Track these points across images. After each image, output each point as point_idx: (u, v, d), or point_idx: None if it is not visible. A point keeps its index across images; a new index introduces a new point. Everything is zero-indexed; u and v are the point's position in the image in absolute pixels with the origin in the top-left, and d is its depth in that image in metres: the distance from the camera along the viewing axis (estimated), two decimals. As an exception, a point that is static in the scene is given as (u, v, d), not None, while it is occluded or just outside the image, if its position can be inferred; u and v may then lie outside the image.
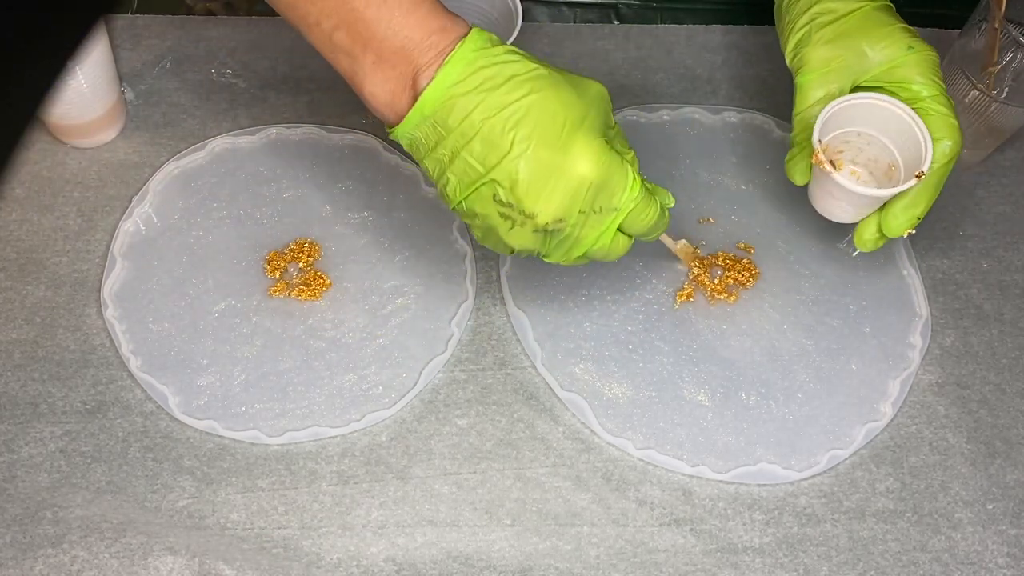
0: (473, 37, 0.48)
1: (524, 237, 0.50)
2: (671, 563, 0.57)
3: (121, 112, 0.69)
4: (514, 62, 0.48)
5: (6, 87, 0.23)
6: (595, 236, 0.51)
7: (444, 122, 0.48)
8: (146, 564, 0.55)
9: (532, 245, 0.51)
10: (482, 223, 0.51)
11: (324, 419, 0.60)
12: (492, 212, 0.50)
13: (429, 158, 0.50)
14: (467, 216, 0.52)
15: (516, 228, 0.50)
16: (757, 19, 0.78)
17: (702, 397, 0.62)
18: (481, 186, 0.49)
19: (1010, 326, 0.67)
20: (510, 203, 0.49)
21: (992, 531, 0.60)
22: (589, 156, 0.48)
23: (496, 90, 0.48)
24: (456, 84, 0.47)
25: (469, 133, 0.48)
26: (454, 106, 0.48)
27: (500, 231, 0.50)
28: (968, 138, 0.69)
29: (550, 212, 0.49)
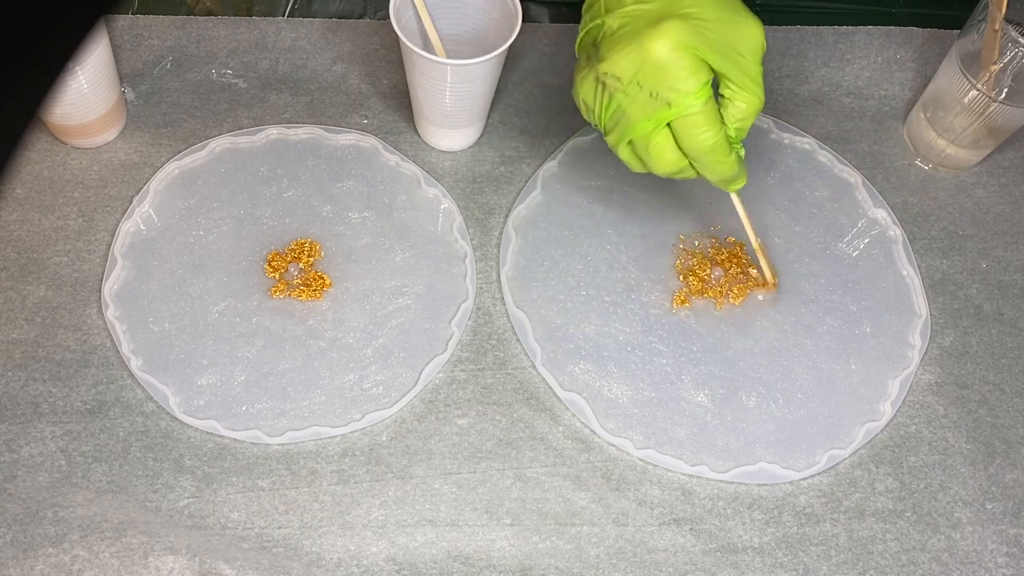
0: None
1: (588, 83, 0.54)
2: (671, 563, 0.57)
3: (122, 112, 0.69)
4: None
5: (6, 87, 0.23)
6: (643, 121, 0.52)
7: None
8: (146, 564, 0.55)
9: (591, 94, 0.54)
10: (577, 63, 0.55)
11: (324, 419, 0.60)
12: (585, 52, 0.55)
13: (590, 2, 0.55)
14: (578, 52, 0.56)
15: (586, 71, 0.54)
16: (757, 19, 0.78)
17: (702, 397, 0.62)
18: (594, 26, 0.54)
19: (1009, 326, 0.67)
20: (598, 45, 0.53)
21: (991, 531, 0.60)
22: (665, 38, 0.50)
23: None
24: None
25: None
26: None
27: (579, 70, 0.55)
28: (968, 138, 0.69)
29: (611, 63, 0.51)
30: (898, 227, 0.70)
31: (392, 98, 0.72)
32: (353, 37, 0.75)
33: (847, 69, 0.77)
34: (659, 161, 0.54)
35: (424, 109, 0.66)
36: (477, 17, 0.65)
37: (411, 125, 0.71)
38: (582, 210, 0.68)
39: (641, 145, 0.54)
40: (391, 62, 0.74)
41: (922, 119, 0.72)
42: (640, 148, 0.54)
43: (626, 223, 0.68)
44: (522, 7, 0.61)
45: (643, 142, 0.54)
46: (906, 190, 0.72)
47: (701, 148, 0.53)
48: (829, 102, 0.76)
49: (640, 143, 0.54)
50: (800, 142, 0.73)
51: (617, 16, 0.52)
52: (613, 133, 0.55)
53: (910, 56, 0.78)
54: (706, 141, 0.52)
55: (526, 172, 0.70)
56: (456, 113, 0.66)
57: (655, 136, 0.53)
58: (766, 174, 0.71)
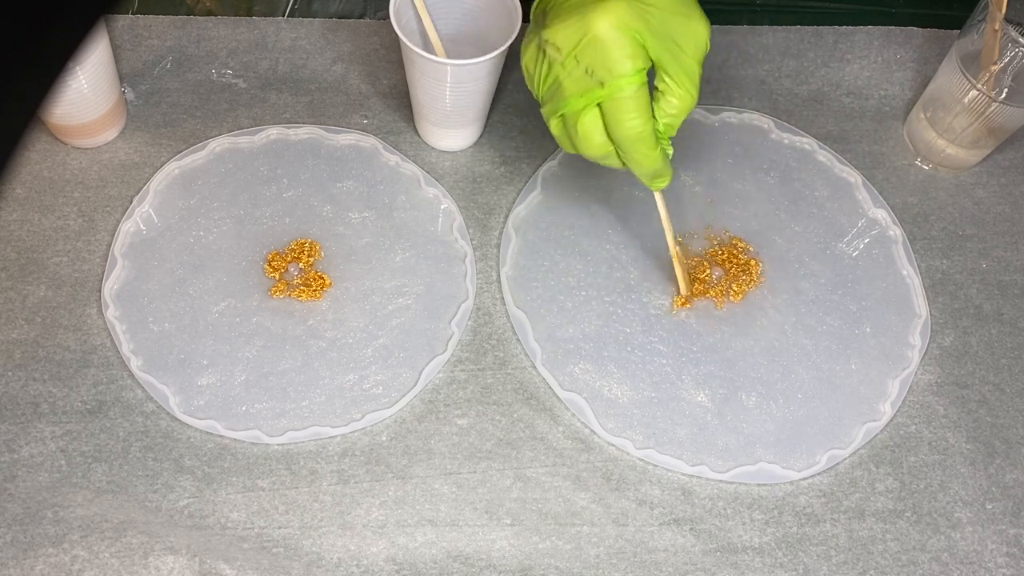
0: None
1: (531, 48, 0.54)
2: (671, 563, 0.57)
3: (122, 112, 0.69)
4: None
5: (6, 87, 0.23)
6: (575, 97, 0.52)
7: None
8: (146, 564, 0.55)
9: (532, 60, 0.54)
10: (528, 29, 0.56)
11: (324, 419, 0.60)
12: (535, 18, 0.55)
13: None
14: (531, 19, 0.56)
15: (531, 36, 0.54)
16: (756, 19, 0.79)
17: (702, 397, 0.62)
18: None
19: (1009, 326, 0.67)
20: (546, 12, 0.53)
21: (991, 531, 0.60)
22: (608, 16, 0.49)
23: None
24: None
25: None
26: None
27: (526, 36, 0.55)
28: (968, 138, 0.70)
29: (553, 31, 0.51)
30: (898, 227, 0.70)
31: (392, 98, 0.72)
32: (353, 37, 0.75)
33: (847, 69, 0.77)
34: (586, 142, 0.54)
35: (424, 109, 0.66)
36: (477, 17, 0.65)
37: (411, 125, 0.71)
38: (582, 210, 0.68)
39: (571, 122, 0.53)
40: (391, 62, 0.74)
41: (922, 119, 0.72)
42: (570, 125, 0.54)
43: (626, 223, 0.68)
44: (522, 7, 0.61)
45: (573, 119, 0.53)
46: (906, 190, 0.72)
47: (627, 135, 0.52)
48: (829, 102, 0.76)
49: (570, 120, 0.53)
50: (800, 142, 0.73)
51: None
52: (548, 104, 0.54)
53: (910, 56, 0.78)
54: (633, 129, 0.52)
55: (526, 172, 0.70)
56: (456, 113, 0.66)
57: (584, 115, 0.52)
58: (766, 174, 0.71)
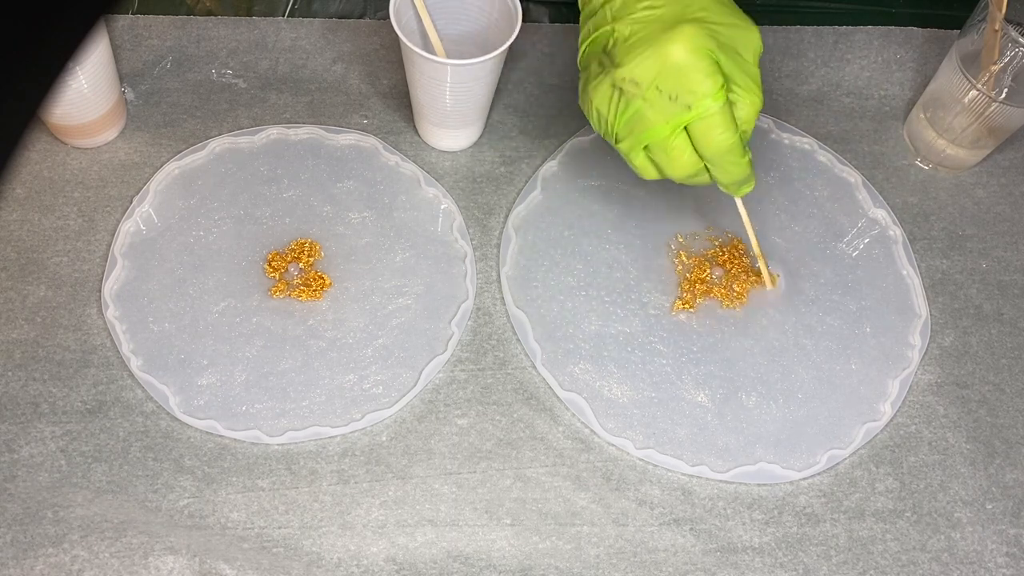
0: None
1: (603, 89, 0.54)
2: (671, 563, 0.57)
3: (122, 112, 0.69)
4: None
5: (6, 87, 0.23)
6: (662, 125, 0.53)
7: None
8: (146, 564, 0.55)
9: (605, 101, 0.54)
10: (585, 70, 0.56)
11: (324, 419, 0.60)
12: (595, 59, 0.55)
13: (587, 7, 0.56)
14: (582, 65, 0.57)
15: (601, 77, 0.54)
16: (756, 19, 0.78)
17: (702, 397, 0.62)
18: (601, 34, 0.54)
19: (1009, 326, 0.67)
20: (611, 53, 0.53)
21: (991, 531, 0.60)
22: (684, 42, 0.51)
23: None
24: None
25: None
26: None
27: (591, 78, 0.55)
28: (968, 138, 0.69)
29: (629, 69, 0.52)
30: (898, 227, 0.70)
31: (392, 98, 0.72)
32: (353, 37, 0.75)
33: (847, 69, 0.77)
34: (677, 164, 0.54)
35: (424, 109, 0.66)
36: (477, 17, 0.65)
37: (411, 125, 0.71)
38: (582, 210, 0.68)
39: (658, 149, 0.54)
40: (391, 62, 0.74)
41: (922, 119, 0.72)
42: (657, 152, 0.54)
43: (626, 223, 0.68)
44: (522, 7, 0.61)
45: (661, 146, 0.54)
46: (906, 190, 0.72)
47: (719, 149, 0.53)
48: (829, 102, 0.76)
49: (657, 147, 0.54)
50: (800, 142, 0.73)
51: (627, 22, 0.53)
52: (627, 140, 0.55)
53: (910, 56, 0.78)
54: (725, 142, 0.53)
55: (526, 172, 0.70)
56: (456, 113, 0.66)
57: (674, 139, 0.53)
58: (766, 174, 0.71)
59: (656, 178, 0.57)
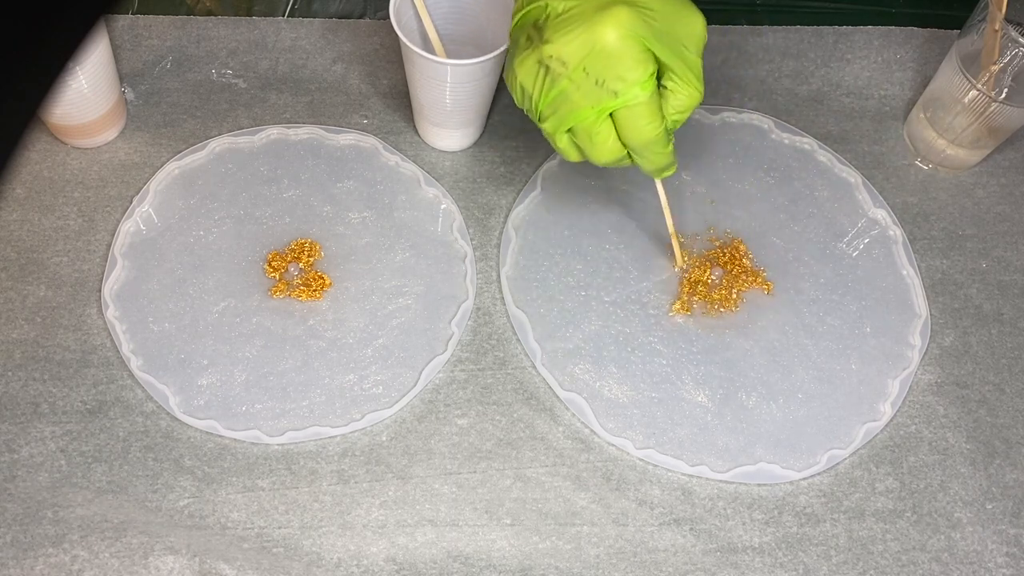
0: None
1: (528, 64, 0.51)
2: (671, 563, 0.57)
3: (122, 112, 0.69)
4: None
5: (6, 87, 0.23)
6: (587, 109, 0.51)
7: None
8: (146, 564, 0.55)
9: (531, 77, 0.52)
10: (514, 45, 0.53)
11: (324, 419, 0.60)
12: (525, 32, 0.52)
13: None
14: (512, 40, 0.54)
15: (528, 52, 0.51)
16: (756, 19, 0.79)
17: (702, 397, 0.62)
18: (534, 8, 0.52)
19: (1009, 326, 0.67)
20: (540, 27, 0.51)
21: (991, 530, 0.60)
22: (615, 26, 0.49)
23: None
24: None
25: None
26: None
27: (518, 51, 0.52)
28: (968, 138, 0.70)
29: (558, 47, 0.50)
30: (898, 227, 0.70)
31: (392, 98, 0.72)
32: (353, 37, 0.75)
33: (847, 69, 0.77)
34: (600, 150, 0.53)
35: (424, 109, 0.66)
36: (477, 17, 0.65)
37: (411, 125, 0.71)
38: (582, 210, 0.68)
39: (582, 133, 0.53)
40: (391, 62, 0.74)
41: (922, 119, 0.72)
42: (580, 136, 0.53)
43: (626, 223, 0.68)
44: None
45: (585, 131, 0.52)
46: (906, 190, 0.72)
47: (643, 139, 0.52)
48: (829, 102, 0.76)
49: (581, 131, 0.52)
50: (800, 142, 0.73)
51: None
52: (551, 120, 0.53)
53: (910, 56, 0.78)
54: (649, 133, 0.52)
55: (526, 172, 0.70)
56: (456, 113, 0.66)
57: (598, 125, 0.52)
58: (766, 174, 0.71)
59: (579, 160, 0.55)
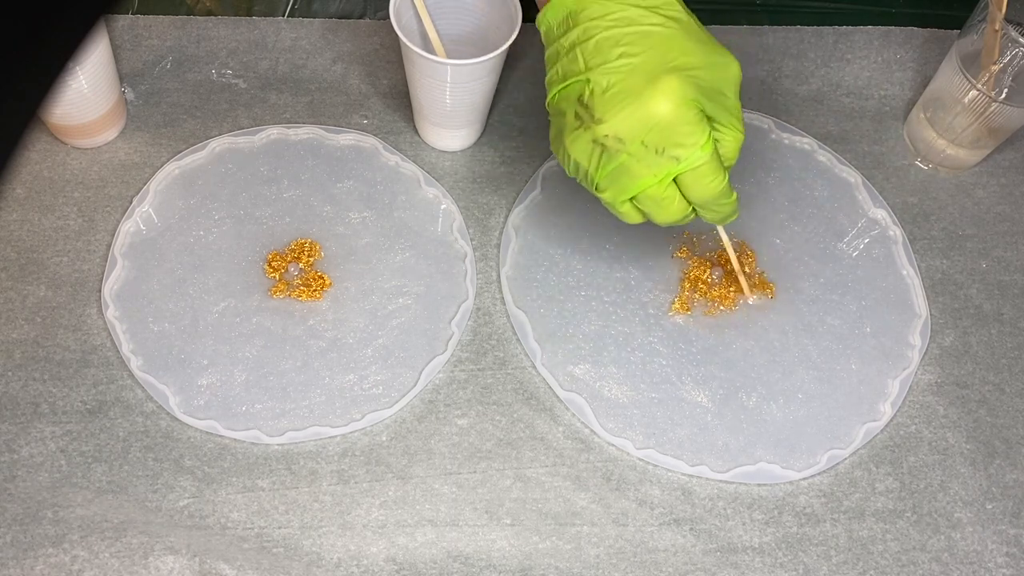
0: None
1: (582, 144, 0.52)
2: (671, 563, 0.57)
3: (121, 112, 0.69)
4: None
5: (6, 87, 0.23)
6: (650, 178, 0.51)
7: (576, 16, 0.51)
8: (146, 564, 0.55)
9: (585, 156, 0.52)
10: (558, 120, 0.53)
11: (324, 419, 0.60)
12: (571, 110, 0.52)
13: (552, 46, 0.53)
14: (553, 110, 0.54)
15: (580, 131, 0.51)
16: (756, 19, 0.79)
17: (702, 397, 0.62)
18: (575, 82, 0.52)
19: (1009, 326, 0.67)
20: (588, 105, 0.51)
21: (991, 531, 0.60)
22: (668, 96, 0.49)
23: (634, 7, 0.50)
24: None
25: (591, 32, 0.51)
26: (591, 4, 0.51)
27: (567, 131, 0.52)
28: (968, 138, 0.70)
29: (614, 126, 0.50)
30: (898, 227, 0.70)
31: (392, 98, 0.72)
32: (353, 37, 0.75)
33: (847, 69, 0.77)
34: (667, 212, 0.53)
35: (424, 109, 0.66)
36: (477, 17, 0.65)
37: (411, 125, 0.71)
38: (582, 210, 0.68)
39: (647, 200, 0.53)
40: (391, 62, 0.74)
41: (922, 119, 0.72)
42: (645, 202, 0.53)
43: (626, 223, 0.68)
44: (522, 7, 0.61)
45: (650, 197, 0.52)
46: (906, 190, 0.72)
47: (710, 195, 0.52)
48: (829, 102, 0.76)
49: (646, 199, 0.53)
50: (800, 142, 0.73)
51: (604, 72, 0.50)
52: (610, 190, 0.53)
53: (910, 56, 0.78)
54: (715, 188, 0.52)
55: (526, 172, 0.70)
56: (456, 113, 0.66)
57: (664, 191, 0.52)
58: (766, 174, 0.71)
59: (641, 222, 0.55)
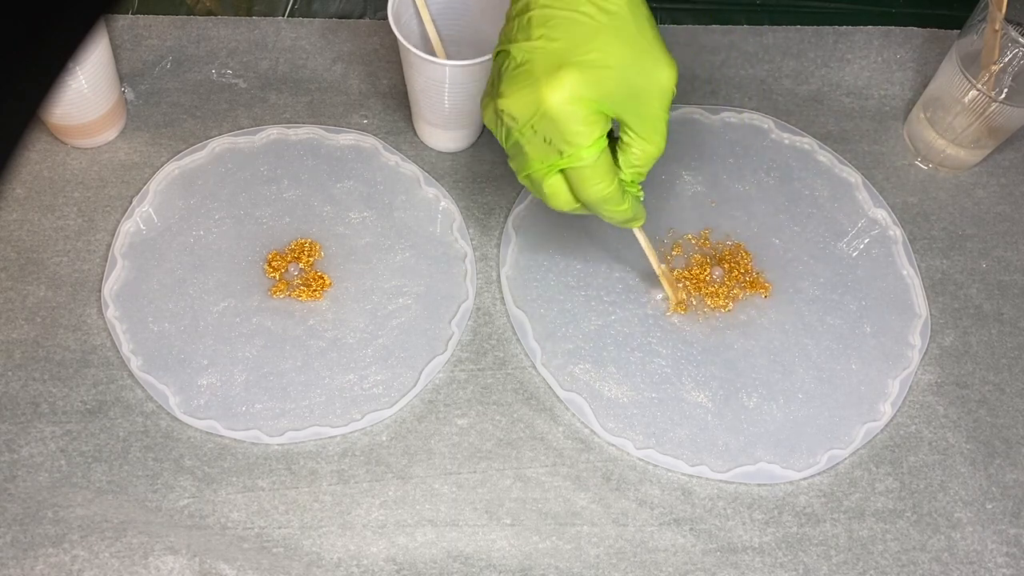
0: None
1: (489, 112, 0.52)
2: (671, 563, 0.57)
3: (121, 112, 0.69)
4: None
5: (6, 87, 0.23)
6: (538, 163, 0.51)
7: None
8: (147, 564, 0.55)
9: (492, 123, 0.52)
10: (487, 83, 0.53)
11: (324, 419, 0.60)
12: (493, 76, 0.52)
13: (510, 18, 0.52)
14: (491, 73, 0.54)
15: (488, 99, 0.52)
16: (756, 19, 0.79)
17: (702, 397, 0.62)
18: (502, 50, 0.51)
19: (1009, 326, 0.67)
20: (500, 76, 0.51)
21: (991, 530, 0.60)
22: (560, 90, 0.48)
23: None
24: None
25: (531, 6, 0.49)
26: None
27: (484, 93, 0.53)
28: (968, 138, 0.70)
29: (509, 104, 0.50)
30: (898, 227, 0.70)
31: (392, 98, 0.72)
32: (353, 37, 0.75)
33: (847, 69, 0.77)
34: (553, 201, 0.53)
35: (422, 110, 0.66)
36: (477, 17, 0.65)
37: (411, 125, 0.71)
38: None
39: (535, 185, 0.53)
40: (391, 62, 0.74)
41: (922, 119, 0.72)
42: (535, 184, 0.53)
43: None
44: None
45: (538, 180, 0.52)
46: (906, 190, 0.72)
47: (592, 199, 0.52)
48: (829, 102, 0.76)
49: (535, 182, 0.53)
50: (800, 142, 0.73)
51: (522, 48, 0.49)
52: (512, 161, 0.53)
53: (910, 56, 0.78)
54: (597, 193, 0.51)
55: (526, 172, 0.70)
56: (455, 114, 0.66)
57: (548, 178, 0.52)
58: (766, 174, 0.71)
59: (564, 209, 0.55)
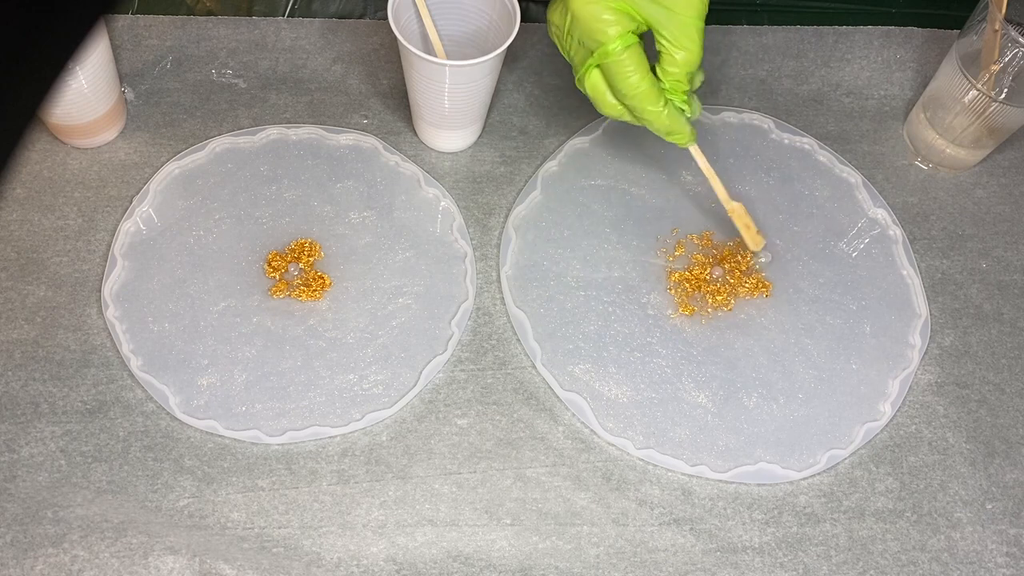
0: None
1: (550, 30, 0.59)
2: (671, 563, 0.57)
3: (122, 112, 0.69)
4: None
5: (7, 87, 0.23)
6: (580, 61, 0.58)
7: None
8: (146, 564, 0.55)
9: (553, 36, 0.59)
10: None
11: (324, 419, 0.60)
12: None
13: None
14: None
15: (549, 13, 0.59)
16: (756, 19, 0.79)
17: (702, 397, 0.62)
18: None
19: (1009, 326, 0.67)
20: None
21: (991, 530, 0.60)
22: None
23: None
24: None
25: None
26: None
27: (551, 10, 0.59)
28: (968, 138, 0.70)
29: (551, 14, 0.58)
30: (898, 227, 0.70)
31: (392, 98, 0.72)
32: (353, 37, 0.75)
33: (847, 69, 0.77)
34: (598, 102, 0.59)
35: (422, 110, 0.66)
36: (476, 17, 0.65)
37: (411, 125, 0.71)
38: (582, 210, 0.68)
39: (583, 86, 0.59)
40: (391, 62, 0.74)
41: (922, 119, 0.72)
42: (585, 89, 0.59)
43: (626, 223, 0.68)
44: (521, 7, 0.61)
45: (583, 83, 0.59)
46: (906, 190, 0.72)
47: (627, 92, 0.56)
48: (829, 102, 0.76)
49: (583, 84, 0.59)
50: (800, 142, 0.73)
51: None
52: (573, 61, 0.59)
53: (910, 56, 0.78)
54: (629, 88, 0.56)
55: (526, 172, 0.70)
56: (455, 114, 0.66)
57: (588, 77, 0.58)
58: (766, 174, 0.71)
59: (617, 117, 0.60)
